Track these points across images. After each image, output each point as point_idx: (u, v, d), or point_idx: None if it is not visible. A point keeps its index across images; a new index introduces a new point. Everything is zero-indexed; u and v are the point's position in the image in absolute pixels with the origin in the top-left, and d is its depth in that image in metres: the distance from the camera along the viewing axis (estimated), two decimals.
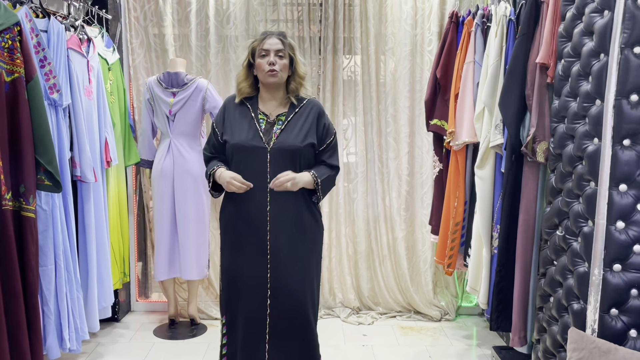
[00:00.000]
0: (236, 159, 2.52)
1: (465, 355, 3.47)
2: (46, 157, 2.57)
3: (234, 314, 2.59)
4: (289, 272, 2.51)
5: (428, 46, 3.93)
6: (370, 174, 4.04)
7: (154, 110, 3.67)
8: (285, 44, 2.50)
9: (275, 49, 2.47)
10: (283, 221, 2.49)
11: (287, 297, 2.51)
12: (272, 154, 2.46)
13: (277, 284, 2.50)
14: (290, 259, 2.51)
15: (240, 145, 2.49)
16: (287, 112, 2.55)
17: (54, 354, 2.86)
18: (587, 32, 2.15)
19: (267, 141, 2.48)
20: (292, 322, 2.53)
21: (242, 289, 2.55)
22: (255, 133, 2.50)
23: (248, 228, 2.51)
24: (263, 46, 2.48)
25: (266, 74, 2.48)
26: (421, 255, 4.08)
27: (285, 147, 2.47)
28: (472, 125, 3.13)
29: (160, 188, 3.62)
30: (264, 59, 2.47)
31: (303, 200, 2.52)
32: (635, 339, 1.97)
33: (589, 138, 2.12)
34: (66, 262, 2.91)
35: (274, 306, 2.51)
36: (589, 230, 2.09)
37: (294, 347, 2.55)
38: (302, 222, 2.53)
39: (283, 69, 2.49)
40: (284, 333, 2.53)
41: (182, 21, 3.90)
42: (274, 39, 2.49)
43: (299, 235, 2.53)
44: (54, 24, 2.83)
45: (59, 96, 2.79)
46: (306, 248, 2.56)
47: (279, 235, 2.49)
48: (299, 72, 2.54)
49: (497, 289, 2.84)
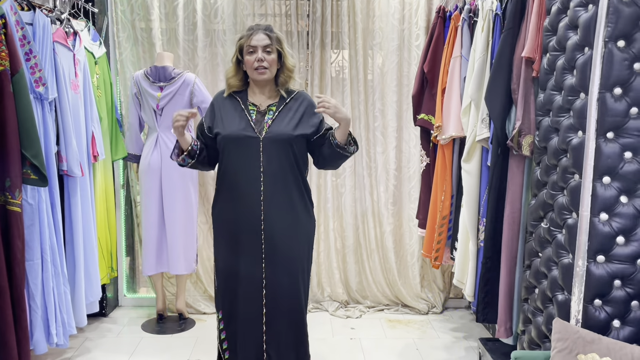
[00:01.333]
0: (228, 150, 2.50)
1: (452, 348, 3.50)
2: (32, 151, 2.55)
3: (230, 309, 2.59)
4: (284, 267, 2.51)
5: (415, 41, 3.95)
6: (358, 168, 4.06)
7: (141, 104, 3.65)
8: (272, 38, 2.48)
9: (263, 45, 2.45)
10: (276, 212, 2.49)
11: (282, 292, 2.52)
12: (264, 143, 2.46)
13: (272, 279, 2.51)
14: (284, 252, 2.51)
15: (232, 136, 2.48)
16: (278, 102, 2.54)
17: (41, 348, 2.85)
18: (572, 26, 2.17)
19: (259, 131, 2.47)
20: (288, 316, 2.54)
21: (237, 286, 2.55)
22: (247, 123, 2.49)
23: (241, 220, 2.51)
24: (250, 42, 2.46)
25: (255, 71, 2.47)
26: (408, 249, 4.11)
27: (278, 137, 2.46)
28: (458, 120, 3.15)
29: (148, 183, 3.61)
30: (251, 55, 2.46)
31: (297, 191, 2.52)
32: (619, 329, 2.00)
33: (574, 131, 2.14)
34: (53, 257, 2.89)
35: (270, 302, 2.52)
36: (573, 222, 2.12)
37: (289, 341, 2.56)
38: (296, 214, 2.53)
39: (271, 65, 2.48)
40: (280, 328, 2.54)
41: (169, 15, 3.88)
42: (260, 35, 2.46)
43: (293, 227, 2.53)
44: (40, 16, 2.81)
45: (45, 90, 2.77)
46: (300, 240, 2.56)
47: (272, 228, 2.48)
48: (287, 65, 2.53)
49: (483, 282, 2.87)
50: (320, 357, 3.31)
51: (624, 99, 1.96)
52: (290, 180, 2.50)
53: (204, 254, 4.04)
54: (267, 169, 2.46)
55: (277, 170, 2.47)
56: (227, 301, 2.59)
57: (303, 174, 2.56)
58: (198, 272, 4.04)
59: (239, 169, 2.48)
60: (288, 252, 2.52)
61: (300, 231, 2.56)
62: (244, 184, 2.48)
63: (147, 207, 3.65)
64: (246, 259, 2.52)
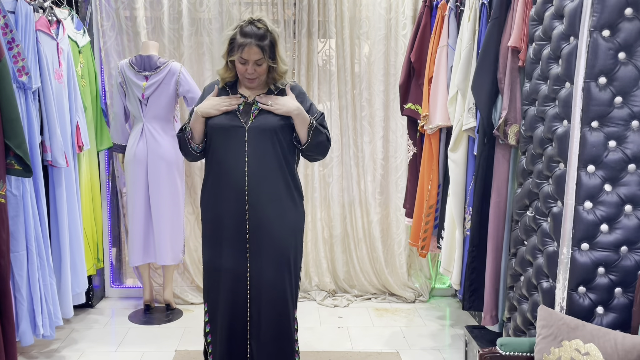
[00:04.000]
0: (215, 140, 2.50)
1: (438, 335, 3.53)
2: (15, 141, 2.52)
3: (215, 301, 2.58)
4: (268, 258, 2.50)
5: (402, 30, 3.94)
6: (345, 158, 4.06)
7: (126, 94, 3.62)
8: (265, 50, 2.38)
9: (254, 59, 2.39)
10: (261, 203, 2.47)
11: (266, 283, 2.51)
12: (249, 133, 2.45)
13: (256, 270, 2.50)
14: (269, 243, 2.50)
15: (218, 125, 2.47)
16: (266, 93, 2.52)
17: (27, 340, 2.83)
18: (558, 16, 2.18)
19: (245, 121, 2.46)
20: (272, 309, 2.52)
21: (221, 277, 2.54)
22: (234, 113, 2.47)
23: (226, 210, 2.50)
24: (243, 55, 2.38)
25: (246, 80, 2.46)
26: (395, 238, 4.13)
27: (263, 126, 2.45)
28: (445, 109, 3.16)
29: (134, 173, 3.58)
30: (243, 66, 2.41)
31: (282, 182, 2.50)
32: (602, 316, 2.03)
33: (559, 120, 2.16)
34: (38, 248, 2.87)
35: (254, 293, 2.51)
36: (558, 211, 2.14)
37: (273, 334, 2.54)
38: (281, 205, 2.51)
39: (262, 74, 2.45)
40: (262, 320, 2.53)
41: (154, 3, 3.84)
42: (253, 49, 2.36)
43: (279, 217, 2.51)
44: (22, 5, 2.77)
45: (28, 79, 2.73)
46: (286, 231, 2.54)
47: (257, 217, 2.47)
48: (278, 71, 2.48)
49: (469, 270, 2.89)
50: (308, 345, 3.33)
51: (608, 89, 1.97)
52: (275, 170, 2.48)
53: (191, 244, 4.03)
54: (252, 159, 2.45)
55: (262, 161, 2.46)
56: (213, 293, 2.58)
57: (290, 165, 2.54)
58: (185, 263, 4.03)
59: (224, 158, 2.47)
60: (273, 243, 2.50)
61: (286, 222, 2.54)
62: (229, 174, 2.47)
63: (133, 197, 3.62)
64: (231, 250, 2.51)
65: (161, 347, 3.32)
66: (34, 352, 3.21)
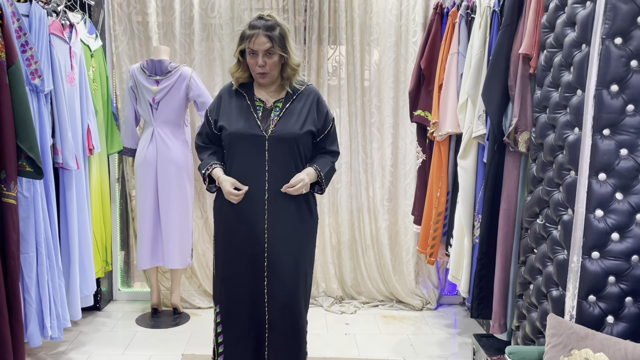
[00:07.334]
0: (233, 148, 2.47)
1: (446, 343, 3.51)
2: (27, 143, 2.54)
3: (229, 307, 2.56)
4: (286, 270, 2.48)
5: (413, 37, 3.95)
6: (354, 164, 4.06)
7: (137, 98, 3.64)
8: (275, 39, 2.35)
9: (264, 49, 2.36)
10: (281, 213, 2.46)
11: (284, 294, 2.49)
12: (270, 142, 2.42)
13: (274, 277, 2.48)
14: (288, 253, 2.49)
15: (238, 133, 2.44)
16: (285, 98, 2.49)
17: (35, 341, 2.84)
18: (570, 23, 2.18)
19: (265, 129, 2.43)
20: (288, 318, 2.51)
21: (238, 287, 2.52)
22: (253, 121, 2.44)
23: (244, 218, 2.47)
24: (251, 46, 2.36)
25: (257, 75, 2.43)
26: (404, 245, 4.12)
27: (284, 135, 2.42)
28: (455, 116, 3.15)
29: (143, 177, 3.60)
30: (253, 58, 2.39)
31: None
32: (612, 325, 2.01)
33: (570, 128, 2.15)
34: (48, 250, 2.88)
35: (272, 302, 2.50)
36: (569, 219, 2.13)
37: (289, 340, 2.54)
38: (300, 213, 2.51)
39: (273, 68, 2.41)
40: (281, 328, 2.52)
41: (165, 9, 3.87)
42: (261, 38, 2.34)
43: (297, 227, 2.50)
44: (36, 8, 2.80)
45: (41, 82, 2.75)
46: (304, 240, 2.54)
47: (276, 227, 2.45)
48: (291, 64, 2.44)
49: (478, 277, 2.88)
50: (315, 352, 3.32)
51: (620, 96, 1.97)
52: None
53: (199, 248, 4.04)
54: (272, 168, 2.43)
55: (283, 169, 2.44)
56: (225, 297, 2.57)
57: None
58: (193, 267, 4.03)
59: (243, 166, 2.45)
60: (291, 253, 2.49)
61: (305, 231, 2.54)
62: (248, 182, 2.44)
63: (143, 201, 3.64)
64: (248, 261, 2.49)
65: (168, 351, 3.32)
66: (41, 354, 3.22)
